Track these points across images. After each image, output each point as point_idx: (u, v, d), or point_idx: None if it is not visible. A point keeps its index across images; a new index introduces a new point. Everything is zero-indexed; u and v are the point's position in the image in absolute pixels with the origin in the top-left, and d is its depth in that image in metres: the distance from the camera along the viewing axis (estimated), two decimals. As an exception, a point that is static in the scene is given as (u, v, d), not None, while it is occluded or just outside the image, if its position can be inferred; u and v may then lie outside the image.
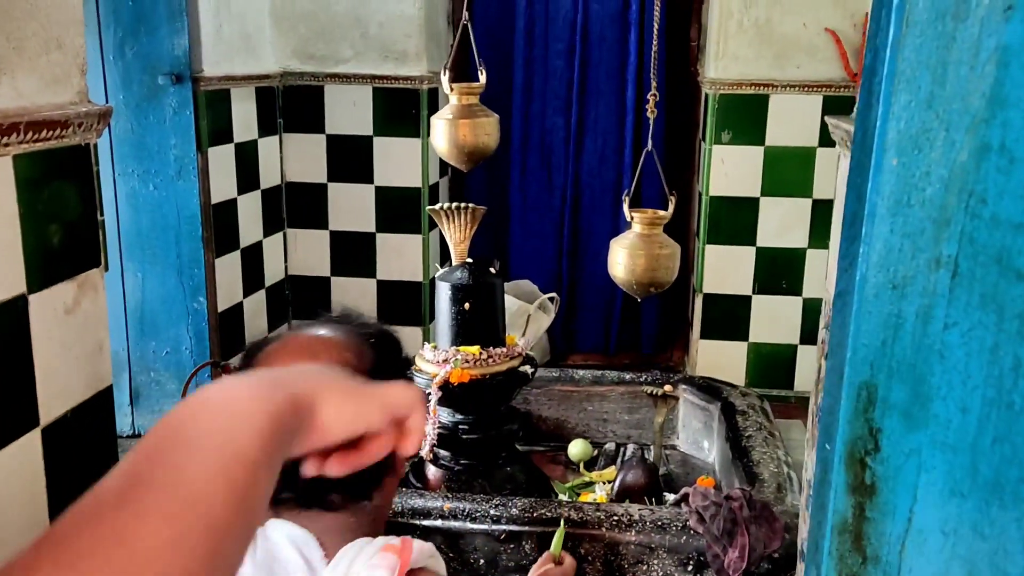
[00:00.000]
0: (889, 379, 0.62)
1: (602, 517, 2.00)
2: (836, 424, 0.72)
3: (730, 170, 3.47)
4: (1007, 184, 0.53)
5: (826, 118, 1.92)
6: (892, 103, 0.63)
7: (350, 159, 3.61)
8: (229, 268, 3.27)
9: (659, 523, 2.00)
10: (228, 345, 3.27)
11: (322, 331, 0.96)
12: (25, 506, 1.48)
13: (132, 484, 0.38)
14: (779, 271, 3.53)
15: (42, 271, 1.49)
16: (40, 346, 1.49)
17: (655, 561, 1.99)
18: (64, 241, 1.54)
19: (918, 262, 0.59)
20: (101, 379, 1.65)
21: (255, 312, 3.48)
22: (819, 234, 3.45)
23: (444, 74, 2.21)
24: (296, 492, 0.83)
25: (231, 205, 3.25)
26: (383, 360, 0.94)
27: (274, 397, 0.45)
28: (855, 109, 0.69)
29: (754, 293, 3.56)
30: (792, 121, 3.39)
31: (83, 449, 1.61)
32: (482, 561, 1.89)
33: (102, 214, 1.61)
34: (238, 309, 3.34)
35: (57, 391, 1.53)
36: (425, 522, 1.88)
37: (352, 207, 3.65)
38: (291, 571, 0.81)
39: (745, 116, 3.42)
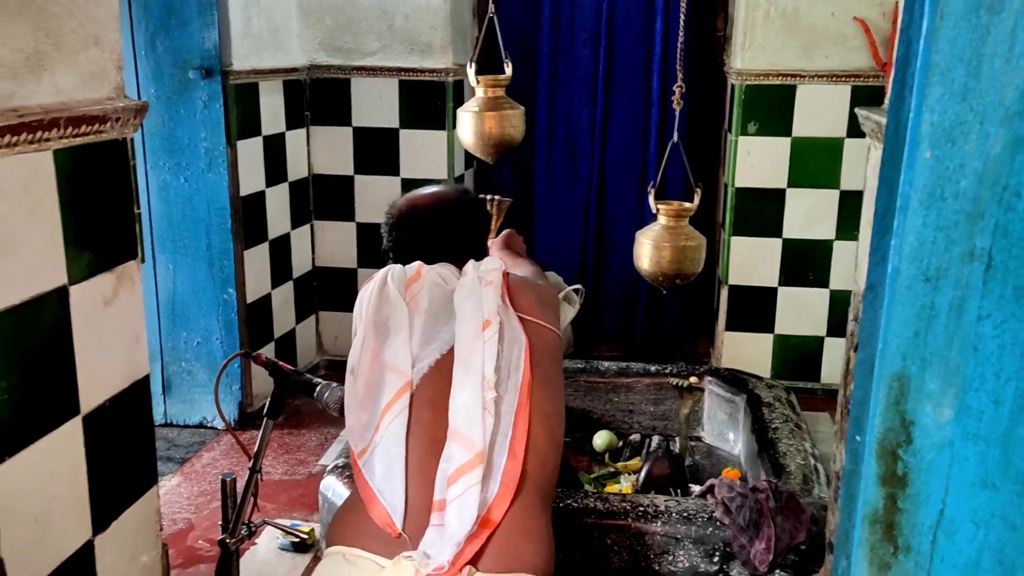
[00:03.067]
0: (922, 371, 0.63)
1: (628, 508, 2.01)
2: (867, 416, 0.72)
3: (756, 161, 3.44)
4: (1042, 177, 0.53)
5: (856, 109, 1.90)
6: (926, 95, 0.63)
7: (376, 151, 3.64)
8: (257, 260, 3.31)
9: (685, 514, 2.00)
10: (256, 336, 3.31)
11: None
12: (67, 490, 1.53)
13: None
14: (805, 263, 3.50)
15: (82, 263, 1.53)
16: (81, 337, 1.52)
17: (681, 552, 1.99)
18: (103, 234, 1.57)
19: (951, 255, 0.59)
20: (138, 369, 1.69)
21: (283, 303, 3.52)
22: (847, 226, 3.41)
23: (470, 67, 2.22)
24: None
25: (259, 197, 3.29)
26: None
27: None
28: (887, 101, 0.69)
29: (780, 285, 3.54)
30: (819, 112, 3.36)
31: (121, 437, 1.65)
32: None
33: (138, 207, 1.64)
34: (266, 300, 3.39)
35: (97, 380, 1.57)
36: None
37: (378, 199, 3.67)
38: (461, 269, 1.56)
39: (772, 107, 3.39)
